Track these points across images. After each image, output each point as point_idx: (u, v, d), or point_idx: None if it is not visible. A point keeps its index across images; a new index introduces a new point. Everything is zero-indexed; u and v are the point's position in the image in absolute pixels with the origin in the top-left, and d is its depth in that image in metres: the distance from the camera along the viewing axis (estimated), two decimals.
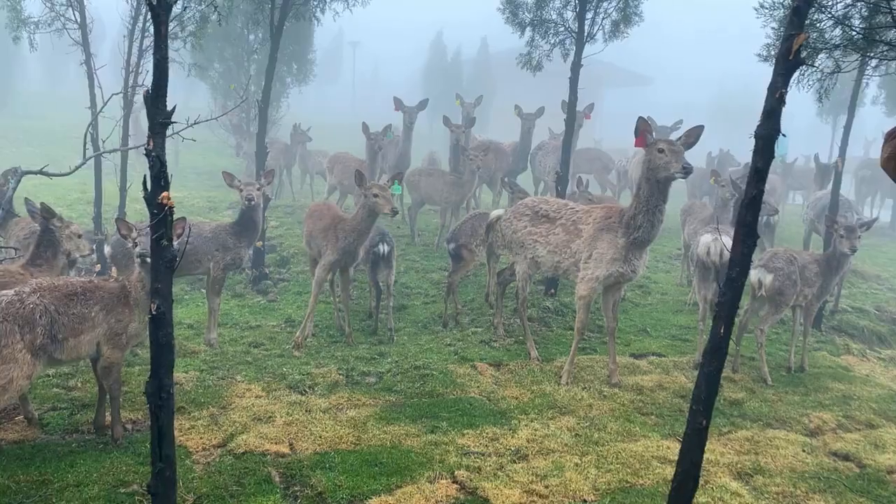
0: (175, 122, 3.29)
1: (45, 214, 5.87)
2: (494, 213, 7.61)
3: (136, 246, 4.95)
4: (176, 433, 5.11)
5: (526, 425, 5.65)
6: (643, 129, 6.08)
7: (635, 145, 6.13)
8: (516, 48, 9.81)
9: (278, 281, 10.04)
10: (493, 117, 36.12)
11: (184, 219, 5.39)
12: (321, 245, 7.49)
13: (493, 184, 12.76)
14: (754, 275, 6.95)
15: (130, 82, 8.44)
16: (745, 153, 14.80)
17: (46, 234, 5.82)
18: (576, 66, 8.60)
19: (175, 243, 5.29)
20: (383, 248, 7.88)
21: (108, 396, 5.01)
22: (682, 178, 5.88)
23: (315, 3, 10.08)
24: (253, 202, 7.27)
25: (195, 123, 6.72)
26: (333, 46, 55.96)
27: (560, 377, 6.66)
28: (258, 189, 7.36)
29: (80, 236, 6.06)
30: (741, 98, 48.37)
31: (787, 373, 7.47)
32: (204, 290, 9.59)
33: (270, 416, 5.48)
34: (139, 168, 16.87)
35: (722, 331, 3.46)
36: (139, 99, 16.23)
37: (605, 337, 7.84)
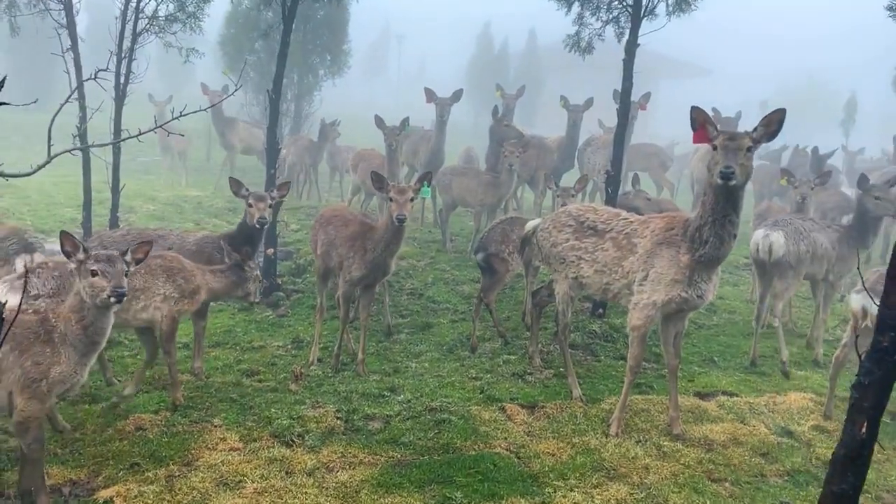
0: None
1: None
2: (530, 224, 6.38)
3: (88, 261, 3.88)
4: (119, 502, 4.07)
5: (563, 496, 4.43)
6: (702, 121, 4.79)
7: (694, 141, 4.85)
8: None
9: (292, 293, 9.01)
10: (541, 112, 34.68)
11: (150, 243, 4.34)
12: (345, 257, 6.42)
13: (534, 183, 11.47)
14: (857, 301, 5.56)
15: (123, 70, 7.47)
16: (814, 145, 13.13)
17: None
18: (631, 47, 7.29)
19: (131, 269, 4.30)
20: None
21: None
22: (721, 183, 4.60)
23: None
24: (265, 224, 6.27)
25: (181, 115, 5.68)
26: (380, 40, 55.21)
27: (609, 425, 5.40)
28: (270, 205, 6.32)
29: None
30: (804, 91, 45.78)
31: (891, 420, 6.06)
32: (224, 302, 8.62)
33: (240, 481, 4.38)
34: (167, 165, 16.10)
35: (863, 430, 2.20)
36: (152, 93, 15.52)
37: (664, 369, 6.55)
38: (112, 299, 3.80)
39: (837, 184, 12.54)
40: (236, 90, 6.38)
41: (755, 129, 4.73)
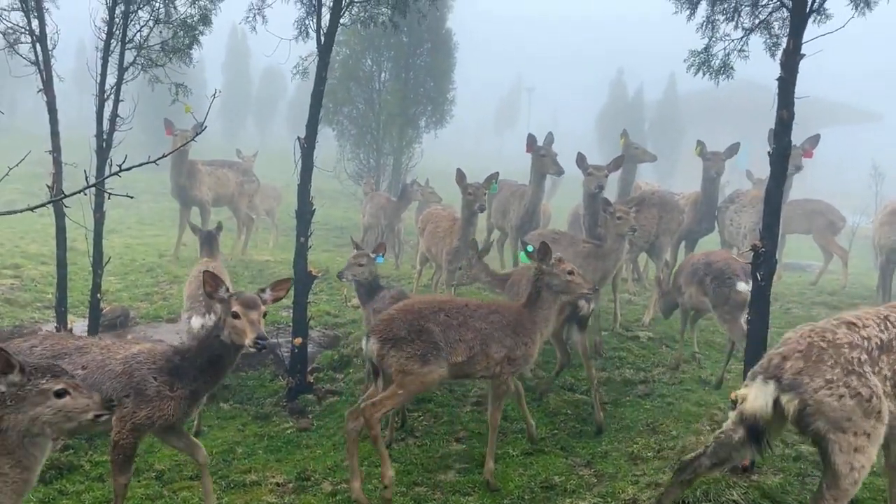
0: None
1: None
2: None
3: None
4: None
5: None
6: None
7: None
8: (711, 87, 6.38)
9: (326, 394, 7.02)
10: (681, 166, 31.58)
11: None
12: None
13: (657, 252, 8.89)
14: None
15: (107, 113, 5.95)
16: None
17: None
18: (791, 60, 4.80)
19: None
20: None
21: None
22: None
23: (387, 3, 7.05)
24: (264, 347, 4.26)
25: (121, 171, 3.92)
26: (511, 94, 54.14)
27: None
28: (265, 313, 4.33)
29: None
30: None
31: None
32: (242, 405, 6.85)
33: None
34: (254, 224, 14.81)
35: None
36: (241, 149, 14.28)
37: None
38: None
39: None
40: (202, 131, 4.57)
41: None
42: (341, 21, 6.76)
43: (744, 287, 6.37)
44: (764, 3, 5.19)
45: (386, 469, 4.79)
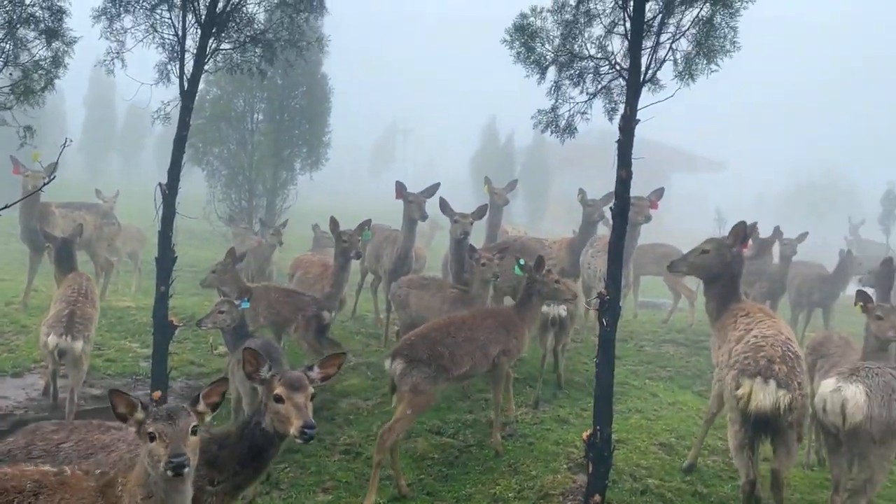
0: None
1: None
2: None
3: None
4: None
5: None
6: None
7: None
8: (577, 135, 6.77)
9: None
10: (550, 209, 33.15)
11: None
12: None
13: None
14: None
15: None
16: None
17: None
18: (628, 124, 5.29)
19: None
20: None
21: None
22: None
23: (254, 53, 7.07)
24: (311, 439, 3.84)
25: None
26: (386, 136, 55.02)
27: None
28: (313, 396, 3.88)
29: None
30: (822, 183, 43.92)
31: None
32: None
33: None
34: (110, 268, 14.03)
35: None
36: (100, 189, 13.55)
37: None
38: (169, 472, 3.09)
39: None
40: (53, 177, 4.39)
41: None
42: (206, 68, 6.71)
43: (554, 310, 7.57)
44: (604, 71, 5.68)
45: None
